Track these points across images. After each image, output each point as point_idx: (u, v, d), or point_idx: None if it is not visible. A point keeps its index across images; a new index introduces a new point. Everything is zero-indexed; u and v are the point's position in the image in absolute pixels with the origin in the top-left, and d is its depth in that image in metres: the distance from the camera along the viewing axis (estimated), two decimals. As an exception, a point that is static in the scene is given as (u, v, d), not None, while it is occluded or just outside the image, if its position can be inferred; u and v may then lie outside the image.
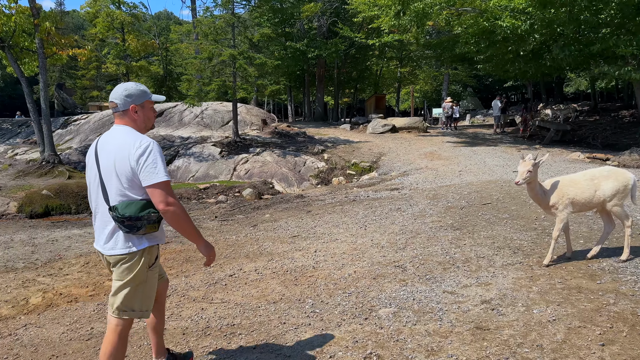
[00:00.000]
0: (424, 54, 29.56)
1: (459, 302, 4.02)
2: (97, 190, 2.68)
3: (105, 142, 2.68)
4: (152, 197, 2.55)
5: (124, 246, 2.62)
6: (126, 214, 2.52)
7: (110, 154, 2.60)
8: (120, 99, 2.68)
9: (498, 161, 13.52)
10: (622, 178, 4.64)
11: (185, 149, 17.16)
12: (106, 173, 2.62)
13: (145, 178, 2.53)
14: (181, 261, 6.15)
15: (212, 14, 17.11)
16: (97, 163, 2.66)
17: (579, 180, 4.71)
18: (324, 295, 4.41)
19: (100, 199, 2.66)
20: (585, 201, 4.64)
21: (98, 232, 2.70)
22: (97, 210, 2.70)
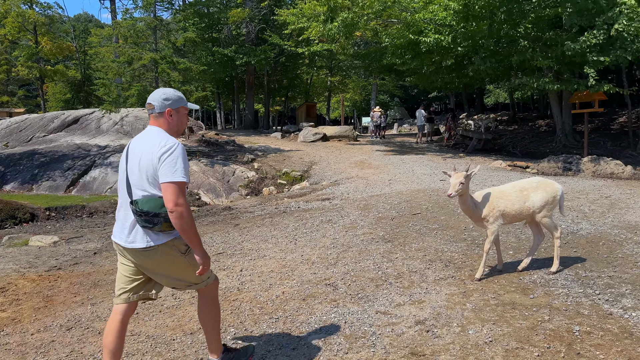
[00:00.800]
0: (353, 64, 29.95)
1: (393, 323, 3.78)
2: (123, 185, 2.80)
3: (137, 141, 2.83)
4: (163, 195, 2.63)
5: (143, 240, 2.73)
6: (145, 209, 2.63)
7: (138, 152, 2.73)
8: (158, 101, 2.83)
9: (425, 170, 13.71)
10: (551, 189, 4.65)
11: (102, 159, 16.03)
12: (131, 169, 2.75)
13: (162, 175, 2.62)
14: (89, 286, 5.50)
15: (132, 16, 16.17)
16: (127, 159, 2.81)
17: (508, 192, 4.66)
18: (248, 322, 4.01)
19: (124, 194, 2.78)
20: (515, 213, 4.59)
21: (119, 226, 2.83)
22: (121, 204, 2.83)
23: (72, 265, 6.70)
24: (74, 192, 14.52)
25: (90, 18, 75.15)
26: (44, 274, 6.23)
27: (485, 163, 15.13)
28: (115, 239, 2.85)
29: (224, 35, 26.22)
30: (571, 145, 18.68)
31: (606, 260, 5.04)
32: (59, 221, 11.64)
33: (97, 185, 14.67)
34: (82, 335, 4.05)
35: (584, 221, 6.82)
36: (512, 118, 29.93)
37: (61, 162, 15.98)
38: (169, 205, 2.58)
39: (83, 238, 8.86)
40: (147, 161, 2.67)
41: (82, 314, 4.54)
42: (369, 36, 19.15)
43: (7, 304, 4.98)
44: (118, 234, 2.83)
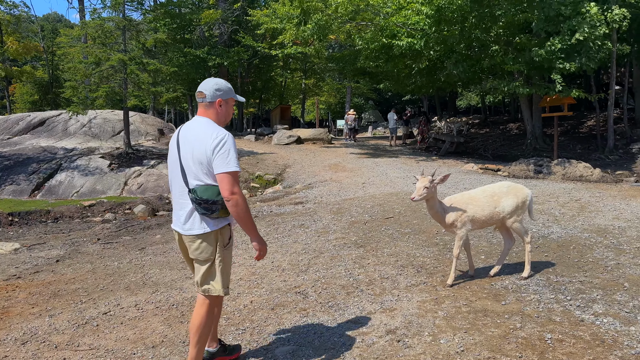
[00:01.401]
0: (327, 67, 29.93)
1: (363, 333, 3.67)
2: (177, 174, 2.91)
3: (187, 130, 2.94)
4: (220, 184, 2.77)
5: (200, 227, 2.87)
6: (204, 197, 2.77)
7: (190, 142, 2.85)
8: (210, 91, 2.92)
9: (399, 173, 13.71)
10: (521, 194, 4.63)
11: (69, 162, 15.54)
12: (185, 159, 2.86)
13: (217, 166, 2.76)
14: (48, 296, 5.23)
15: (101, 16, 15.73)
16: (178, 150, 2.90)
17: (478, 197, 4.63)
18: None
19: (180, 183, 2.90)
20: (485, 218, 4.56)
21: (176, 214, 2.97)
22: (176, 193, 2.96)
23: (32, 274, 6.40)
24: (39, 196, 14.03)
25: (60, 18, 73.28)
26: (2, 284, 5.92)
27: (457, 166, 15.23)
28: (173, 226, 3.03)
29: (196, 37, 25.83)
30: (541, 149, 19.01)
31: (577, 264, 5.04)
32: (22, 227, 11.20)
33: (63, 189, 14.20)
34: (38, 349, 3.82)
35: (555, 225, 6.85)
36: (483, 121, 30.35)
37: (26, 166, 15.44)
38: (225, 194, 2.75)
39: (46, 245, 8.52)
40: (200, 152, 2.79)
41: (39, 326, 4.30)
42: (343, 39, 19.14)
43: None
44: (176, 221, 2.99)
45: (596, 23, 12.43)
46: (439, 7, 13.48)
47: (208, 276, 2.95)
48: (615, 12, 13.46)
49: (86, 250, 7.54)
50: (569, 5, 12.60)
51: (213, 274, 2.95)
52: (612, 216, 7.27)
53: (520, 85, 14.70)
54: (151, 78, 15.81)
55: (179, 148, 2.91)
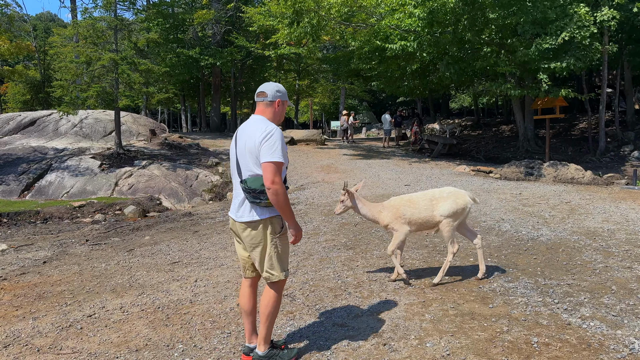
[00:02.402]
0: (321, 68, 29.90)
1: (350, 336, 3.63)
2: (234, 166, 3.21)
3: (244, 127, 3.21)
4: (263, 173, 2.99)
5: (249, 215, 3.11)
6: (252, 187, 3.03)
7: (245, 136, 3.12)
8: (272, 91, 3.21)
9: (391, 174, 13.70)
10: (461, 201, 4.64)
11: (59, 162, 15.40)
12: (240, 152, 3.14)
13: (262, 155, 2.98)
14: (33, 298, 5.16)
15: (92, 15, 15.62)
16: (236, 145, 3.19)
17: (417, 200, 4.72)
18: (198, 337, 3.79)
19: (236, 175, 3.18)
20: (422, 221, 4.65)
21: (233, 202, 3.24)
22: (235, 184, 3.24)
23: (18, 276, 6.32)
24: (29, 197, 13.88)
25: (53, 17, 72.85)
26: (-14, 286, 5.84)
27: (450, 168, 15.24)
28: (230, 213, 3.29)
29: (189, 37, 25.72)
30: (533, 151, 19.07)
31: (565, 267, 5.04)
32: (11, 227, 11.07)
33: (53, 189, 14.07)
34: (20, 353, 3.76)
35: (544, 227, 6.86)
36: (476, 123, 30.43)
37: (15, 166, 15.29)
38: (267, 183, 2.96)
39: (34, 246, 8.42)
40: (251, 145, 3.05)
41: (22, 329, 4.23)
42: (337, 40, 19.13)
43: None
44: (232, 209, 3.24)
45: (585, 23, 12.50)
46: (431, 9, 13.50)
47: (264, 263, 3.16)
48: (604, 12, 13.54)
49: (74, 251, 7.46)
50: (557, 8, 12.67)
51: (268, 260, 3.14)
52: (601, 219, 7.28)
53: (512, 87, 14.74)
54: (143, 78, 15.69)
55: (236, 144, 3.20)
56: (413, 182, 12.08)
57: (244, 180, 3.08)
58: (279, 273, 3.16)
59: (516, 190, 10.15)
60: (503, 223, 7.19)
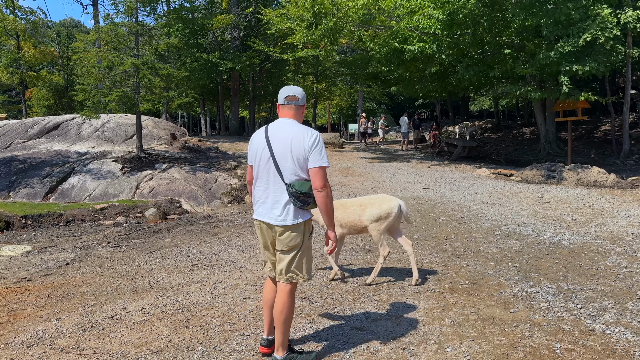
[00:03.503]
0: (339, 71, 29.92)
1: (369, 340, 3.62)
2: (267, 171, 3.18)
3: (277, 130, 3.19)
4: (313, 177, 3.08)
5: (294, 218, 3.14)
6: (302, 191, 3.06)
7: (286, 140, 3.11)
8: (302, 95, 3.31)
9: (409, 177, 13.63)
10: (385, 206, 4.84)
11: (82, 165, 15.69)
12: (280, 156, 3.12)
13: (312, 161, 3.08)
14: (56, 299, 5.26)
15: (113, 21, 15.90)
16: (270, 148, 3.15)
17: (349, 204, 5.00)
18: (217, 339, 3.82)
19: (272, 178, 3.17)
20: (352, 224, 4.91)
21: (267, 207, 3.20)
22: (267, 188, 3.19)
23: (42, 277, 6.45)
24: (52, 199, 14.17)
25: (76, 23, 74.41)
26: (12, 286, 5.97)
27: (470, 171, 15.10)
28: (262, 218, 3.24)
29: (209, 41, 25.99)
30: (555, 153, 18.78)
31: (588, 272, 4.94)
32: (35, 230, 11.32)
33: (76, 192, 14.33)
34: (44, 352, 3.82)
35: (567, 231, 6.74)
36: (496, 126, 30.09)
37: (39, 169, 15.61)
38: (319, 186, 3.06)
39: (57, 248, 8.59)
40: (298, 150, 3.09)
41: (46, 329, 4.31)
42: (355, 42, 19.13)
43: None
44: (267, 213, 3.21)
45: (607, 25, 12.26)
46: (450, 11, 13.41)
47: (293, 264, 3.20)
48: (628, 13, 13.27)
49: (96, 253, 7.59)
50: (580, 9, 12.46)
51: (299, 262, 3.22)
52: (625, 223, 7.13)
53: (533, 89, 14.54)
54: (163, 82, 15.92)
55: (271, 147, 3.17)
56: (432, 185, 11.99)
57: (291, 184, 3.09)
58: (305, 275, 3.24)
59: (537, 194, 10.00)
60: (524, 227, 7.09)
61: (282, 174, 3.13)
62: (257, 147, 3.27)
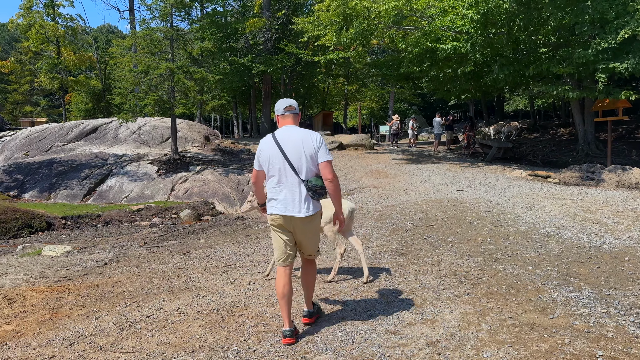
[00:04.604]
0: (370, 73, 29.80)
1: (403, 344, 3.58)
2: (283, 172, 3.68)
3: (286, 136, 3.72)
4: (324, 169, 3.67)
5: (315, 208, 3.75)
6: (319, 184, 3.65)
7: (297, 142, 3.67)
8: (297, 106, 3.92)
9: (443, 179, 13.44)
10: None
11: (119, 168, 16.12)
12: (296, 157, 3.66)
13: (321, 156, 3.68)
14: (95, 298, 5.41)
15: (150, 26, 16.29)
16: (283, 152, 3.66)
17: None
18: (252, 340, 3.85)
19: (289, 177, 3.68)
20: None
21: (288, 202, 3.69)
22: (284, 186, 3.70)
23: (81, 276, 6.65)
24: (90, 200, 14.60)
25: (113, 29, 76.58)
26: (53, 285, 6.17)
27: (505, 172, 14.78)
28: (286, 213, 3.70)
29: (241, 45, 26.33)
30: (594, 154, 18.19)
31: (631, 277, 4.76)
32: (74, 230, 11.68)
33: (114, 194, 14.73)
34: (84, 350, 3.93)
35: (608, 235, 6.51)
36: (532, 126, 29.34)
37: (79, 171, 16.12)
38: (330, 177, 3.66)
39: (95, 248, 8.84)
40: (309, 149, 3.67)
41: (86, 328, 4.44)
42: (386, 44, 19.02)
43: (12, 316, 4.92)
44: (290, 208, 3.69)
45: None
46: (484, 10, 13.17)
47: (317, 242, 3.94)
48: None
49: (133, 253, 7.77)
50: (618, 6, 12.04)
51: (318, 240, 3.96)
52: (671, 226, 6.84)
53: (570, 89, 14.12)
54: (197, 86, 16.20)
55: (282, 150, 3.69)
56: (466, 187, 11.80)
57: (308, 181, 3.64)
58: (319, 250, 4.04)
59: (576, 196, 9.71)
60: (563, 230, 6.89)
61: (298, 172, 3.66)
62: (269, 153, 3.75)
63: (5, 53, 34.69)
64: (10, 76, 40.11)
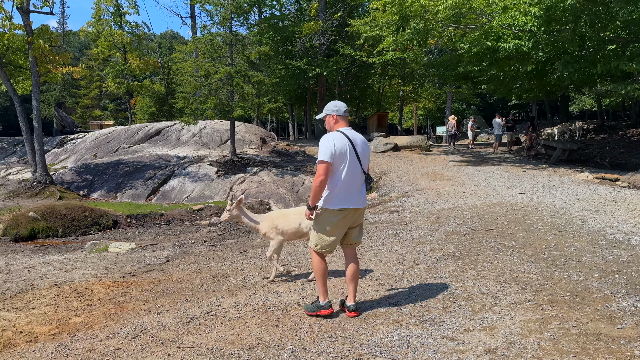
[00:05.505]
0: (427, 73, 29.31)
1: (460, 351, 3.49)
2: (355, 165, 4.13)
3: (354, 136, 4.19)
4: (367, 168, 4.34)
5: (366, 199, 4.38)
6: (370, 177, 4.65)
7: (363, 143, 4.25)
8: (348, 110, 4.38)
9: (503, 182, 13.00)
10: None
11: (180, 169, 16.75)
12: (363, 155, 4.20)
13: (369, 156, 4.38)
14: (157, 294, 5.65)
15: (210, 32, 16.83)
16: (355, 150, 4.12)
17: (289, 214, 5.68)
18: (306, 339, 3.88)
19: (358, 173, 4.15)
20: (293, 231, 5.52)
21: (356, 194, 4.18)
22: (355, 179, 4.14)
23: (145, 273, 6.96)
24: (154, 200, 15.26)
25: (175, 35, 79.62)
26: (119, 280, 6.50)
27: (570, 175, 14.10)
28: (352, 205, 4.15)
29: (298, 48, 26.65)
30: (669, 156, 16.99)
31: None
32: (139, 228, 12.25)
33: (176, 194, 15.31)
34: (147, 344, 4.10)
35: (686, 242, 6.06)
36: (600, 126, 27.78)
37: (143, 172, 16.89)
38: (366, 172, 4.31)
39: (158, 245, 9.23)
40: (368, 151, 4.34)
41: (149, 322, 4.63)
42: (444, 43, 18.66)
43: (81, 309, 5.22)
44: (355, 201, 4.17)
45: None
46: (548, 6, 12.63)
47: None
48: None
49: (193, 251, 8.05)
50: None
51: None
52: None
53: (641, 87, 13.28)
54: (255, 89, 16.57)
55: (355, 148, 4.13)
56: (528, 190, 11.36)
57: (368, 175, 4.30)
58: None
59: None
60: (633, 236, 6.48)
61: (363, 168, 4.19)
62: (346, 149, 4.10)
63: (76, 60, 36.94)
64: (81, 81, 42.59)
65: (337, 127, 4.21)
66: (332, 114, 4.23)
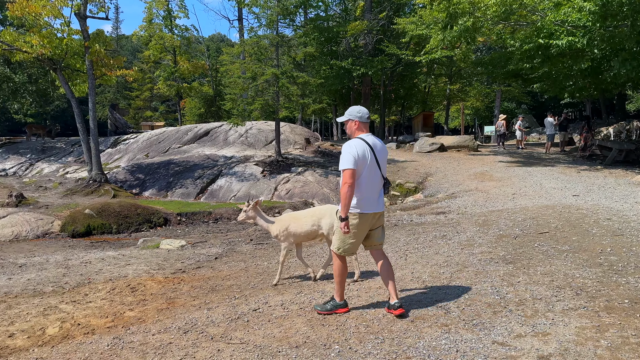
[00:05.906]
0: (475, 71, 28.64)
1: (511, 357, 3.41)
2: (375, 171, 4.23)
3: (374, 142, 4.28)
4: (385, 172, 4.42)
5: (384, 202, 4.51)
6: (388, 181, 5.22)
7: (382, 149, 4.35)
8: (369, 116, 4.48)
9: (556, 183, 12.55)
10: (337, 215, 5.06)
11: (228, 169, 17.10)
12: (382, 160, 4.31)
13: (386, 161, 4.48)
14: (207, 290, 5.80)
15: (257, 34, 17.11)
16: (375, 156, 4.22)
17: (300, 217, 5.71)
18: (353, 340, 3.89)
19: (378, 178, 4.26)
20: (305, 234, 5.60)
21: (375, 198, 4.29)
22: (375, 184, 4.25)
23: (194, 269, 7.16)
24: (202, 199, 15.65)
25: (223, 38, 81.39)
26: (170, 276, 6.72)
27: (627, 177, 13.45)
28: (372, 210, 4.26)
29: (342, 48, 26.65)
30: None
31: None
32: (188, 226, 12.60)
33: (223, 193, 15.66)
34: (197, 339, 4.22)
35: None
36: (661, 126, 26.30)
37: (192, 171, 17.37)
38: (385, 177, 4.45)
39: (207, 243, 9.47)
40: (386, 155, 4.43)
41: (199, 318, 4.76)
42: (493, 40, 18.18)
43: (135, 303, 5.42)
44: (374, 205, 4.28)
45: None
46: (604, 1, 12.08)
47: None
48: None
49: (240, 249, 8.21)
50: None
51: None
52: None
53: None
54: (300, 90, 16.72)
55: (375, 154, 4.23)
56: (583, 192, 10.92)
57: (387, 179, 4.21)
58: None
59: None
60: (700, 243, 6.12)
61: (382, 172, 4.30)
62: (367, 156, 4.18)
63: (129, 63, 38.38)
64: (133, 84, 44.21)
65: (358, 133, 4.30)
66: (354, 119, 4.30)
